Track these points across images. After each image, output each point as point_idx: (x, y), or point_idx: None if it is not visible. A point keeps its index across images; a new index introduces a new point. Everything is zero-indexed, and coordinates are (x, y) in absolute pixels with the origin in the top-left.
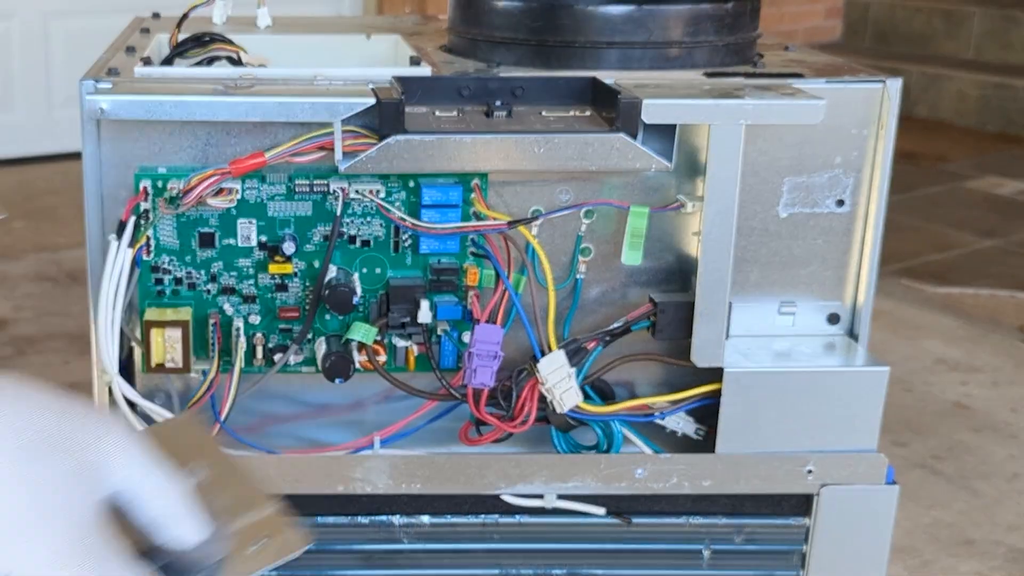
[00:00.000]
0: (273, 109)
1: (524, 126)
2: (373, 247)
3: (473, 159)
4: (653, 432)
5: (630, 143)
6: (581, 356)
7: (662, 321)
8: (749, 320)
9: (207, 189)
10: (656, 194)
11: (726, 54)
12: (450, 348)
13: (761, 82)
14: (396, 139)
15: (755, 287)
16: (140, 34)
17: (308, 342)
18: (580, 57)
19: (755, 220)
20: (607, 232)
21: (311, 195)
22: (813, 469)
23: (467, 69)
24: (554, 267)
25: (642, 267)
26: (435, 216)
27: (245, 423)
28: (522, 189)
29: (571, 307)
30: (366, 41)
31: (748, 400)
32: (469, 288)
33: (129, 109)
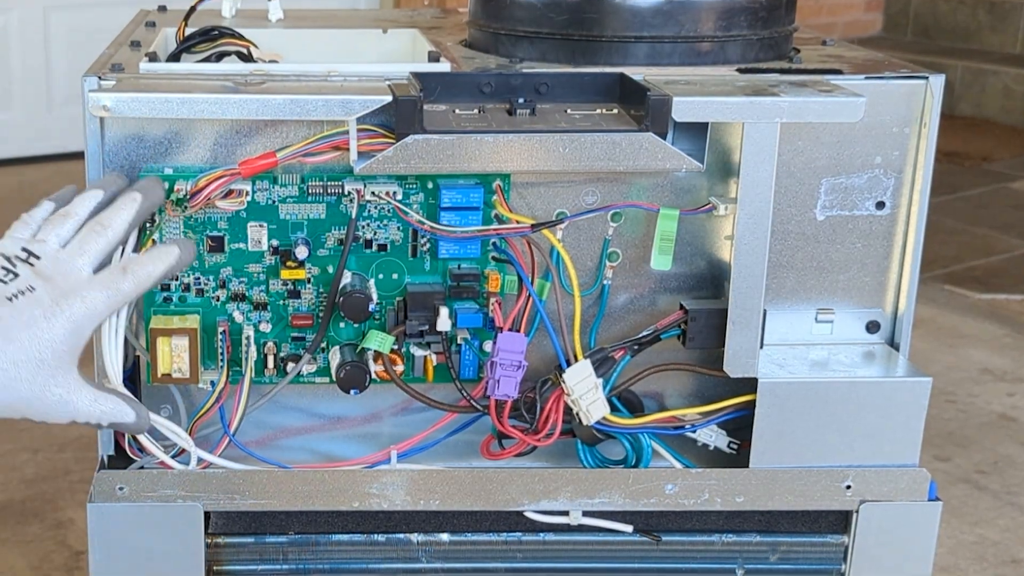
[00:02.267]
0: (285, 107)
1: (548, 124)
2: (390, 251)
3: (495, 159)
4: (684, 446)
5: (660, 142)
6: (608, 366)
7: (693, 329)
8: (784, 328)
9: (216, 191)
10: (687, 196)
11: (760, 49)
12: (471, 358)
13: (797, 78)
14: (414, 138)
15: (791, 293)
16: (145, 28)
17: (322, 351)
18: (607, 52)
19: (791, 223)
20: (635, 236)
21: (325, 197)
22: (852, 484)
23: (488, 65)
24: (580, 272)
25: (672, 272)
26: (455, 219)
27: (256, 436)
28: (546, 191)
29: (598, 314)
30: (383, 36)
31: (783, 412)
32: (491, 295)
33: (134, 107)
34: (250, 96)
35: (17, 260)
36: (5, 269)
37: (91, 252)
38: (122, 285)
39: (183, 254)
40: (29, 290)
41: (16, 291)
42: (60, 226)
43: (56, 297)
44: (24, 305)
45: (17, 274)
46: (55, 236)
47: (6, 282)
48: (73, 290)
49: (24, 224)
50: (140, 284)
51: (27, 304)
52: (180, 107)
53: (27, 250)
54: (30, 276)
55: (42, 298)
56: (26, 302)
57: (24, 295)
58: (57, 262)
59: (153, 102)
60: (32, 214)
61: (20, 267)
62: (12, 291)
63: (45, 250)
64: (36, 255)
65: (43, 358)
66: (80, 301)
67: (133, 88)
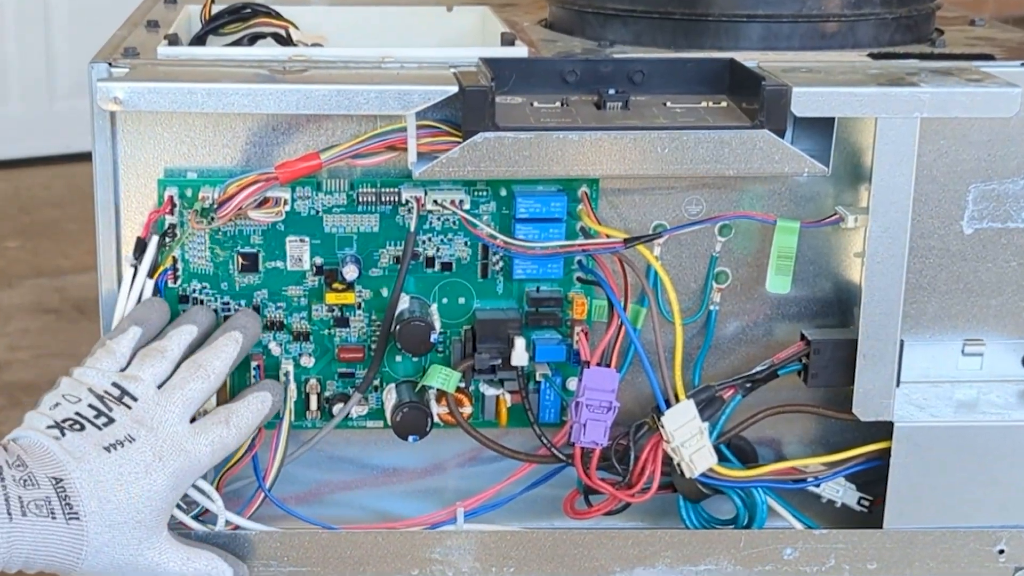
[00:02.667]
0: (331, 99)
1: (644, 120)
2: (455, 271)
3: (580, 161)
4: (805, 502)
5: (777, 141)
6: (716, 407)
7: (817, 364)
8: (925, 363)
9: (248, 199)
10: (809, 205)
11: (896, 30)
12: (552, 398)
13: (941, 65)
14: (484, 136)
15: (933, 321)
16: (164, 5)
17: (374, 390)
18: (714, 34)
19: (932, 238)
20: (748, 253)
21: (378, 206)
22: (1005, 549)
23: (573, 49)
24: (682, 296)
25: (791, 296)
26: (533, 232)
27: (296, 491)
28: (641, 199)
29: (703, 346)
30: (447, 14)
31: (924, 462)
32: (575, 323)
33: (151, 99)
34: (289, 86)
35: (110, 399)
36: (97, 410)
37: (191, 400)
38: (227, 439)
39: (275, 400)
40: (128, 440)
41: (114, 440)
42: (156, 364)
43: (158, 451)
44: (123, 458)
45: (113, 419)
46: (150, 375)
47: (100, 427)
48: (175, 443)
49: (110, 354)
50: (242, 436)
51: (126, 458)
52: (206, 99)
53: (120, 387)
54: (128, 424)
55: (143, 452)
56: (125, 455)
57: (123, 446)
58: (156, 408)
59: (174, 93)
60: (118, 342)
61: (116, 410)
62: (110, 440)
63: (141, 391)
64: (132, 395)
65: (140, 519)
66: (184, 457)
67: (150, 77)
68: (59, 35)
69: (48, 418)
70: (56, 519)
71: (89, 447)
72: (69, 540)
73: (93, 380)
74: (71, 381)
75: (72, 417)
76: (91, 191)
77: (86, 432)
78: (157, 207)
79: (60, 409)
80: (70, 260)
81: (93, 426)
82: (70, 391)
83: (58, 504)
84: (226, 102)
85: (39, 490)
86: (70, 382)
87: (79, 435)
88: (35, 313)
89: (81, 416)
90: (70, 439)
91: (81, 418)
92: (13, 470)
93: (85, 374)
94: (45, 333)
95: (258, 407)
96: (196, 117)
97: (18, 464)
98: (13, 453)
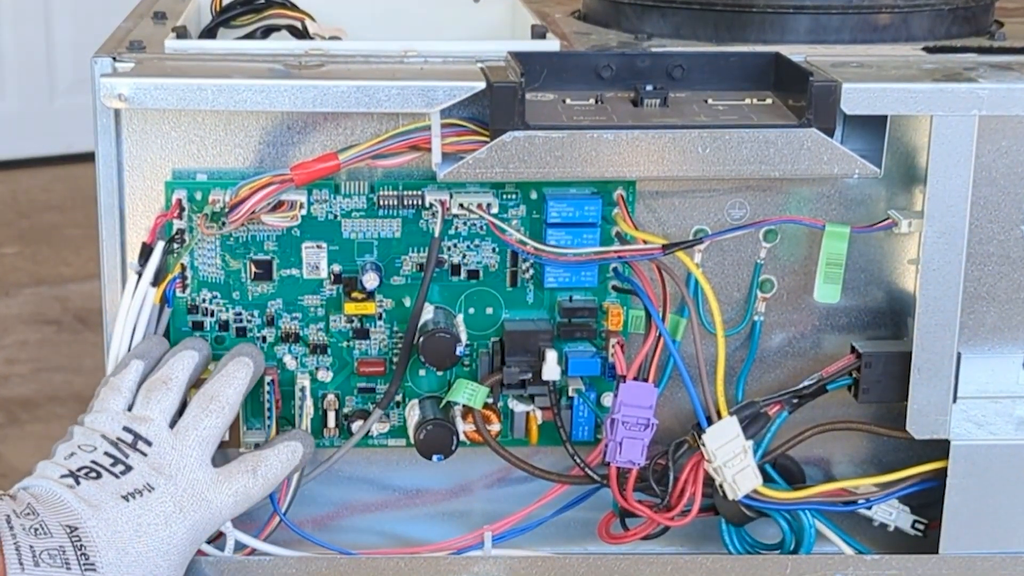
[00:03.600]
0: (350, 96)
1: (684, 118)
2: (483, 279)
3: (616, 162)
4: (856, 526)
5: (825, 141)
6: (761, 424)
7: (868, 378)
8: (984, 377)
9: (262, 202)
10: (860, 209)
11: (953, 22)
12: (586, 415)
13: (1000, 59)
14: (513, 135)
15: (992, 333)
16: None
17: (396, 406)
18: (759, 26)
19: (992, 244)
20: (794, 260)
21: (400, 210)
22: None
23: (608, 42)
24: (724, 306)
25: (841, 306)
26: (565, 238)
27: (313, 515)
28: (681, 203)
29: (747, 359)
30: (474, 5)
31: (983, 483)
32: (611, 334)
33: (157, 96)
34: (305, 82)
35: (124, 445)
36: (113, 458)
37: (207, 440)
38: (252, 491)
39: (306, 452)
40: (147, 490)
41: (132, 490)
42: (163, 398)
43: (179, 501)
44: (142, 509)
45: (130, 466)
46: (160, 412)
47: (117, 475)
48: (196, 493)
49: (115, 392)
50: (268, 488)
51: (145, 508)
52: (216, 96)
53: (132, 432)
54: (146, 471)
55: (163, 502)
56: (144, 506)
57: (142, 495)
58: (172, 451)
59: (182, 90)
60: (122, 378)
61: (132, 457)
62: (128, 489)
63: (154, 433)
64: (146, 440)
65: (157, 572)
66: (206, 507)
67: (156, 72)
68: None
69: (62, 468)
70: (71, 570)
71: (106, 496)
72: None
73: (105, 426)
74: (83, 429)
75: (88, 466)
76: (94, 194)
77: (103, 480)
78: (164, 211)
79: (75, 459)
80: (71, 268)
81: (110, 474)
82: (84, 440)
83: (73, 554)
84: (238, 99)
85: (52, 539)
86: (83, 431)
87: (95, 483)
88: (34, 324)
89: (97, 464)
90: (85, 488)
91: (97, 466)
92: (22, 519)
93: (96, 420)
94: (45, 345)
95: (288, 457)
96: (206, 115)
97: (28, 513)
98: (23, 502)
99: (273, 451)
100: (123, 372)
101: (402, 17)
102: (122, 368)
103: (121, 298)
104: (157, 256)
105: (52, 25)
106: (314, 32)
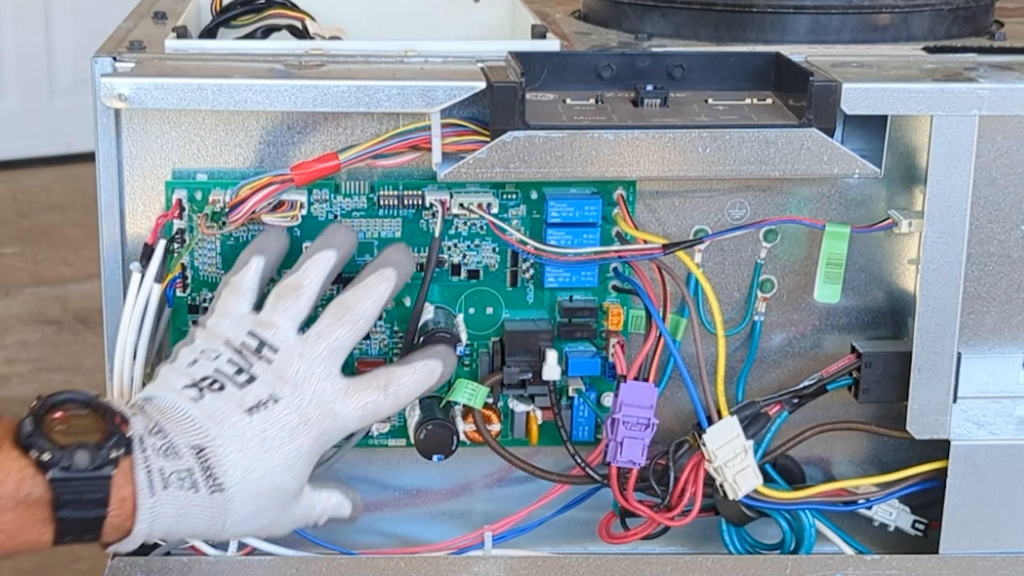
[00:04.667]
0: (350, 96)
1: (684, 118)
2: (483, 279)
3: (616, 162)
4: (856, 526)
5: (825, 140)
6: (761, 424)
7: (868, 378)
8: (984, 377)
9: (262, 202)
10: (860, 209)
11: (953, 22)
12: (586, 414)
13: (1000, 59)
14: (513, 135)
15: (992, 333)
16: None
17: None
18: (759, 26)
19: (992, 243)
20: (795, 259)
21: (400, 210)
22: None
23: (608, 42)
24: (724, 306)
25: (841, 306)
26: (565, 238)
27: None
28: (681, 202)
29: (747, 359)
30: (474, 5)
31: (983, 483)
32: (611, 334)
33: (157, 96)
34: (305, 82)
35: (248, 352)
36: (237, 366)
37: (338, 350)
38: (380, 408)
39: (445, 372)
40: (272, 401)
41: (256, 402)
42: (292, 305)
43: (304, 412)
44: (266, 423)
45: (254, 376)
46: (288, 319)
47: (241, 386)
48: (322, 403)
49: (237, 293)
50: (397, 407)
51: (270, 421)
52: (216, 96)
53: (257, 337)
54: (270, 381)
55: (288, 414)
56: (269, 419)
57: (266, 407)
58: (299, 359)
59: (182, 90)
60: (243, 278)
61: (256, 365)
62: (252, 402)
63: (280, 339)
64: (272, 346)
65: (284, 486)
66: (332, 419)
67: (157, 72)
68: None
69: (185, 377)
70: (199, 492)
71: (231, 410)
72: (212, 512)
73: (229, 331)
74: (206, 333)
75: (211, 375)
76: (94, 194)
77: (226, 393)
78: (165, 211)
79: (198, 367)
80: (72, 268)
81: (234, 384)
82: (207, 345)
83: (200, 476)
84: (238, 99)
85: (180, 460)
86: (205, 334)
87: (219, 396)
88: (34, 324)
89: (221, 373)
90: (209, 401)
91: (221, 375)
92: (154, 438)
93: (219, 324)
94: (45, 346)
95: (424, 377)
96: (206, 115)
97: (157, 431)
98: (151, 418)
99: (408, 369)
100: (244, 271)
101: (402, 17)
102: (241, 266)
103: (125, 297)
104: (159, 255)
105: (52, 25)
106: (314, 32)
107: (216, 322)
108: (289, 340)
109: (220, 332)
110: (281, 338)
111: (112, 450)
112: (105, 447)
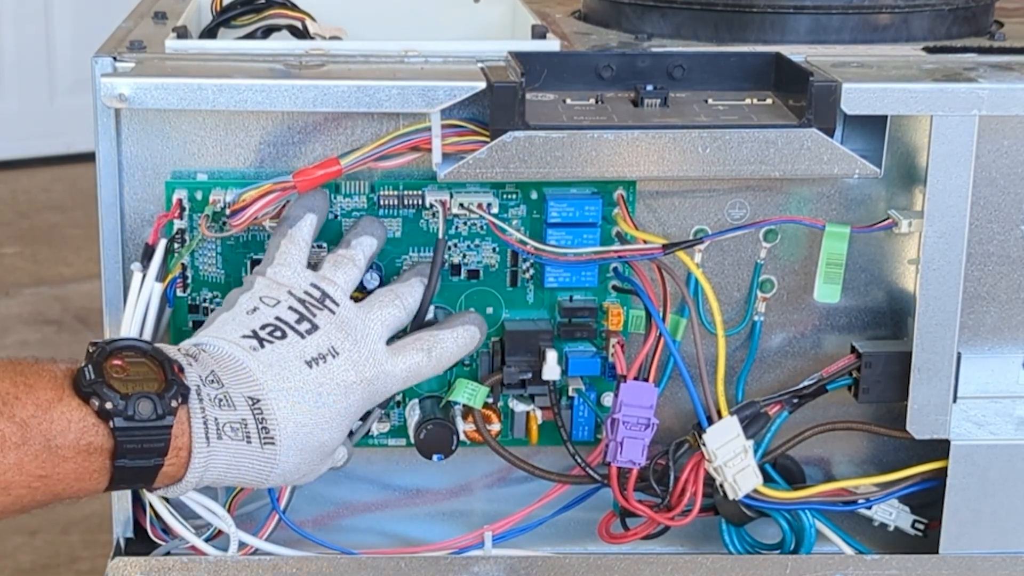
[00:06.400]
0: (350, 96)
1: (684, 118)
2: (483, 279)
3: (616, 162)
4: (856, 526)
5: (825, 141)
6: (761, 424)
7: (868, 378)
8: (984, 377)
9: (263, 210)
10: (860, 209)
11: (953, 22)
12: (586, 414)
13: (1000, 59)
14: (514, 135)
15: (992, 333)
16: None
17: (396, 406)
18: (759, 27)
19: (992, 243)
20: (795, 259)
21: (400, 210)
22: None
23: (608, 42)
24: (724, 306)
25: (841, 306)
26: (565, 238)
27: (313, 514)
28: (681, 202)
29: (747, 359)
30: (474, 5)
31: (983, 483)
32: (611, 334)
33: (158, 96)
34: (306, 82)
35: (312, 302)
36: (299, 314)
37: (389, 324)
38: (423, 368)
39: (482, 335)
40: (332, 354)
41: (317, 354)
42: (348, 271)
43: (360, 369)
44: (323, 377)
45: (317, 325)
46: (345, 282)
47: (304, 335)
48: (377, 361)
49: (295, 245)
50: (439, 369)
51: (327, 376)
52: (217, 96)
53: (321, 289)
54: (333, 332)
55: (345, 370)
56: (326, 373)
57: (326, 361)
58: (358, 316)
59: (182, 90)
60: (300, 230)
61: (319, 315)
62: (312, 353)
63: (340, 296)
64: (334, 300)
65: (328, 441)
66: (384, 378)
67: (157, 72)
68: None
69: (244, 326)
70: (251, 443)
71: (291, 360)
72: (260, 464)
73: (291, 280)
74: (266, 281)
75: (272, 323)
76: (94, 194)
77: (287, 341)
78: (165, 211)
79: (258, 315)
80: (72, 268)
81: (295, 333)
82: (267, 292)
83: (254, 428)
84: (238, 99)
85: (235, 411)
86: (265, 282)
87: (280, 345)
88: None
89: (282, 321)
90: (268, 352)
91: (282, 323)
92: (209, 388)
93: (280, 273)
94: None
95: (466, 341)
96: (206, 115)
97: (212, 381)
98: (207, 367)
99: (452, 333)
100: (300, 224)
101: (402, 17)
102: (295, 220)
103: (125, 297)
104: (160, 255)
105: (52, 25)
106: (314, 32)
107: (277, 271)
108: (347, 300)
109: (282, 280)
110: (341, 295)
111: (172, 400)
112: (166, 397)
